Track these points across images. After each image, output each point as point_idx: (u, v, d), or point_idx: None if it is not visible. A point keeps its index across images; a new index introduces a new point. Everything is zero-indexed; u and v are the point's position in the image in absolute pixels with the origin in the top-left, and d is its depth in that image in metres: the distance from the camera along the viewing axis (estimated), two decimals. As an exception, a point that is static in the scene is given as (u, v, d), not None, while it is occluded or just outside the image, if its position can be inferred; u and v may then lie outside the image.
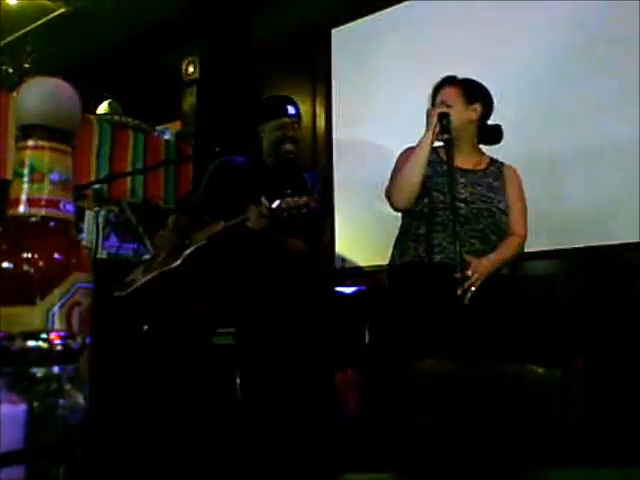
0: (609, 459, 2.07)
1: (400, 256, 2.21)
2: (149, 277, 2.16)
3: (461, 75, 2.34)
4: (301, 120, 2.57)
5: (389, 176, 2.28)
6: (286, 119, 2.42)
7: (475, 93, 2.28)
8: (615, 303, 2.58)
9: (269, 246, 2.10)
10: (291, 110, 2.45)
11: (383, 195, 2.27)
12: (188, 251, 2.09)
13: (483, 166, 2.29)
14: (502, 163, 2.33)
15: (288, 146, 2.39)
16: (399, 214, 2.30)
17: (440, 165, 2.23)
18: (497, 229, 2.19)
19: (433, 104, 2.30)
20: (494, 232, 2.18)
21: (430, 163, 2.16)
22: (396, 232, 2.33)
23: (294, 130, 2.43)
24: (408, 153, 2.27)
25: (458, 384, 1.80)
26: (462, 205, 2.11)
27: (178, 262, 2.08)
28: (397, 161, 2.31)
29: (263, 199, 1.97)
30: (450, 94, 2.25)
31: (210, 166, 2.50)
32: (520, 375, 1.98)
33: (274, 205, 1.94)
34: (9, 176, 0.60)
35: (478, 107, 2.26)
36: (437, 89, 2.30)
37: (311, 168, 2.61)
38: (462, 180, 2.17)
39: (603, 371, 2.36)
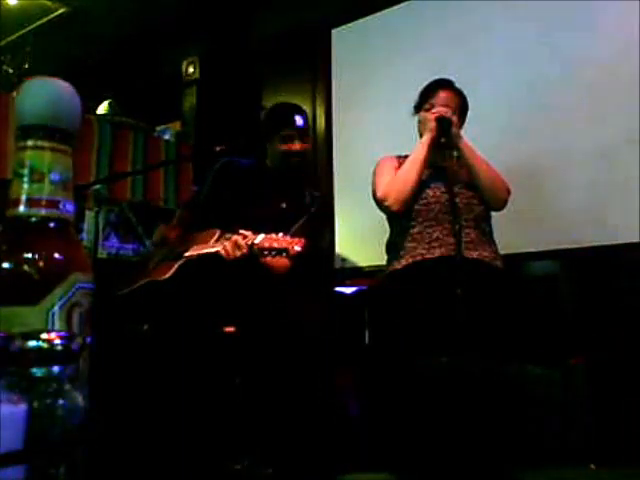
0: (609, 459, 2.07)
1: (398, 258, 2.20)
2: (141, 283, 2.16)
3: (457, 76, 2.33)
4: (309, 130, 2.45)
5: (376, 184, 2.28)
6: (293, 132, 2.27)
7: (467, 109, 2.29)
8: (615, 303, 2.57)
9: (249, 267, 2.05)
10: (299, 121, 2.28)
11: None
12: (179, 263, 2.08)
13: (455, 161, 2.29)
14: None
15: (295, 159, 2.28)
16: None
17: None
18: (487, 216, 2.23)
19: (421, 104, 2.29)
20: (485, 220, 2.22)
21: None
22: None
23: (301, 141, 2.28)
24: (384, 161, 2.30)
25: (458, 384, 1.79)
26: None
27: (169, 274, 2.07)
28: (377, 170, 2.31)
29: (243, 232, 1.90)
30: (452, 101, 2.24)
31: (215, 165, 2.47)
32: (520, 375, 1.98)
33: (257, 240, 1.86)
34: (9, 176, 0.60)
35: (462, 122, 2.27)
36: (431, 91, 2.28)
37: (312, 186, 2.54)
38: (445, 174, 2.18)
39: (603, 371, 2.35)
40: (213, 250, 1.99)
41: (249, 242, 1.88)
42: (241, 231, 1.92)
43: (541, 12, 2.94)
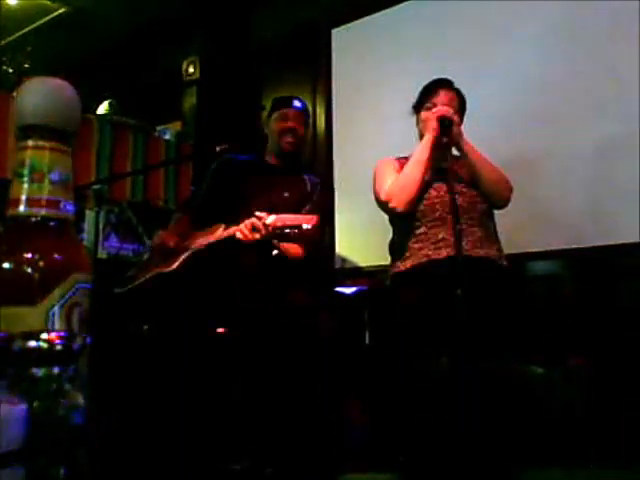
0: (609, 459, 2.08)
1: (403, 259, 2.19)
2: (146, 277, 2.15)
3: (457, 75, 2.33)
4: (308, 117, 2.54)
5: (375, 186, 2.28)
6: (289, 110, 2.40)
7: (465, 109, 2.29)
8: (615, 303, 2.57)
9: (265, 253, 2.06)
10: (297, 103, 2.43)
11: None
12: (185, 255, 2.08)
13: (456, 160, 2.28)
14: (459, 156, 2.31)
15: (288, 137, 2.36)
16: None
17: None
18: (491, 214, 2.22)
19: (420, 104, 2.28)
20: (489, 218, 2.22)
21: None
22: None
23: (296, 122, 2.39)
24: (384, 163, 2.29)
25: (459, 384, 1.79)
26: (456, 196, 2.10)
27: (175, 265, 2.06)
28: (377, 172, 2.30)
29: (259, 213, 1.91)
30: (453, 100, 2.24)
31: (212, 164, 2.48)
32: (520, 375, 1.98)
33: (269, 220, 1.87)
34: (9, 176, 0.60)
35: (461, 122, 2.26)
36: (431, 90, 2.28)
37: (311, 170, 2.58)
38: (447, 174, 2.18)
39: (603, 371, 2.36)
40: (226, 234, 1.99)
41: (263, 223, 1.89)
42: (257, 213, 1.92)
43: (541, 13, 2.94)
